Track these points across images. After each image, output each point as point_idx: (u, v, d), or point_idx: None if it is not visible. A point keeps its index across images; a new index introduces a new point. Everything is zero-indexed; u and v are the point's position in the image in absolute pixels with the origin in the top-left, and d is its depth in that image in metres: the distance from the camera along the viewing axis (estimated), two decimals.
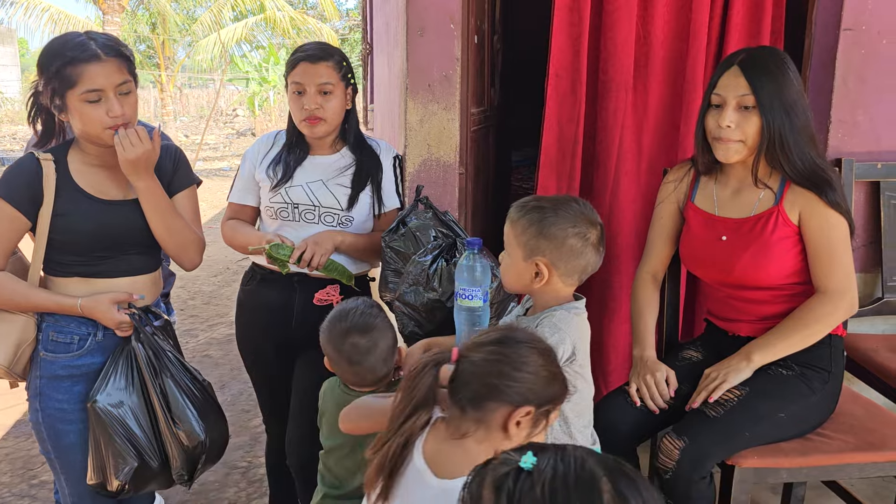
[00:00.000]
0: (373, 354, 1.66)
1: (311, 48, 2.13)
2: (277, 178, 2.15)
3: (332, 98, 2.09)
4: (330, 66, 2.08)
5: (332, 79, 2.08)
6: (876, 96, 2.46)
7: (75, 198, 1.82)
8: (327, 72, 2.07)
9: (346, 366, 1.68)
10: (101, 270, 1.86)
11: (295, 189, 2.14)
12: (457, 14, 2.23)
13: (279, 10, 16.88)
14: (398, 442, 1.26)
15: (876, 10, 2.40)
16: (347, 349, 1.66)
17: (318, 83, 2.07)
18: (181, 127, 21.27)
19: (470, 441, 1.24)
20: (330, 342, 1.70)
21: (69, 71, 1.73)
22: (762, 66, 1.85)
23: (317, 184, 2.14)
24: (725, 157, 1.92)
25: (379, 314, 1.73)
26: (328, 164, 2.17)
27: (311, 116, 2.09)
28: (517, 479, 0.77)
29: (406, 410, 1.26)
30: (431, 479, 1.23)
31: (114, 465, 1.82)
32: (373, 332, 1.68)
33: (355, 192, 2.13)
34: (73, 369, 1.86)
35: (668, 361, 2.10)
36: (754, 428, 1.83)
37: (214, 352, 4.51)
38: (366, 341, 1.66)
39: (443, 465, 1.24)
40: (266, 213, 2.20)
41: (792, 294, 1.94)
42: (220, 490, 2.88)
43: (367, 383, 1.70)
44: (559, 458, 0.79)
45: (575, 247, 1.58)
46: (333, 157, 2.19)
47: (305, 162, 2.18)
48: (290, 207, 2.13)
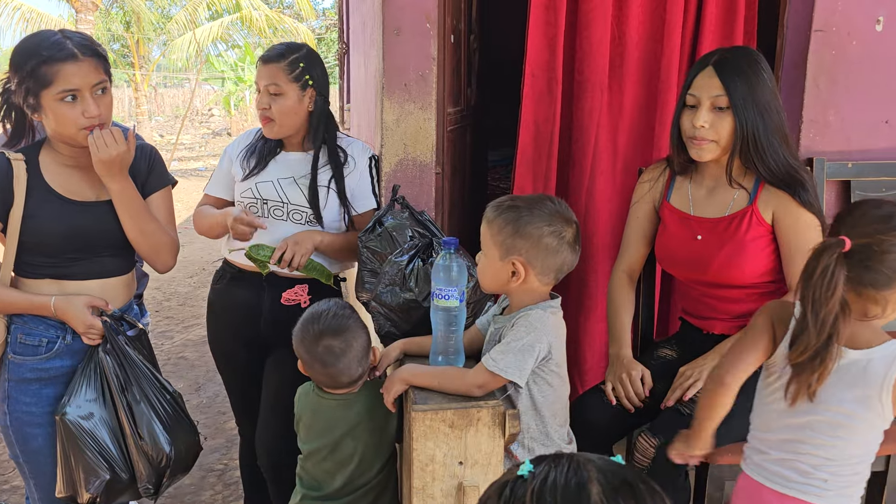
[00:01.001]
0: (347, 356, 1.66)
1: (272, 48, 2.17)
2: (250, 167, 2.17)
3: (280, 100, 2.10)
4: (280, 67, 2.10)
5: (280, 80, 2.09)
6: (846, 96, 2.50)
7: (46, 199, 1.79)
8: (275, 73, 2.10)
9: (320, 368, 1.67)
10: (73, 272, 1.84)
11: (265, 185, 2.14)
12: (433, 13, 2.22)
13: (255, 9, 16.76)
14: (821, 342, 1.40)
15: (846, 11, 2.44)
16: (321, 352, 1.66)
17: (265, 84, 2.12)
18: (156, 126, 21.04)
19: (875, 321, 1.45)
20: (303, 345, 1.69)
21: (45, 70, 1.70)
22: (736, 66, 1.86)
23: (287, 181, 2.15)
24: (699, 157, 1.94)
25: (352, 315, 1.72)
26: (298, 161, 2.18)
27: (263, 116, 2.13)
28: (514, 486, 0.80)
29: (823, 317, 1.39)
30: (851, 353, 1.43)
31: (84, 478, 1.80)
32: (346, 334, 1.67)
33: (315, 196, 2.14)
34: (42, 372, 1.83)
35: (644, 359, 2.11)
36: (728, 425, 1.84)
37: (190, 353, 4.47)
38: (339, 343, 1.65)
39: (855, 340, 1.44)
40: (237, 206, 2.20)
41: (766, 292, 1.96)
42: (196, 493, 2.86)
43: (342, 385, 1.70)
44: (554, 465, 0.80)
45: (551, 245, 1.58)
46: (302, 155, 2.19)
47: (279, 157, 2.19)
48: (259, 203, 2.13)
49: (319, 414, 1.73)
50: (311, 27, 19.71)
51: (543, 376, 1.61)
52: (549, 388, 1.62)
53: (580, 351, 2.68)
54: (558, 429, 1.66)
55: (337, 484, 1.72)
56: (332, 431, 1.71)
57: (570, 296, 2.60)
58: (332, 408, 1.72)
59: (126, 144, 1.78)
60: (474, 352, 1.76)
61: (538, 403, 1.62)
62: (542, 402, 1.62)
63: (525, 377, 1.55)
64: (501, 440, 1.53)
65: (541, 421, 1.63)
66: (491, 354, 1.56)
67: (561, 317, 1.65)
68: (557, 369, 1.62)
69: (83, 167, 1.84)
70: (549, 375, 1.61)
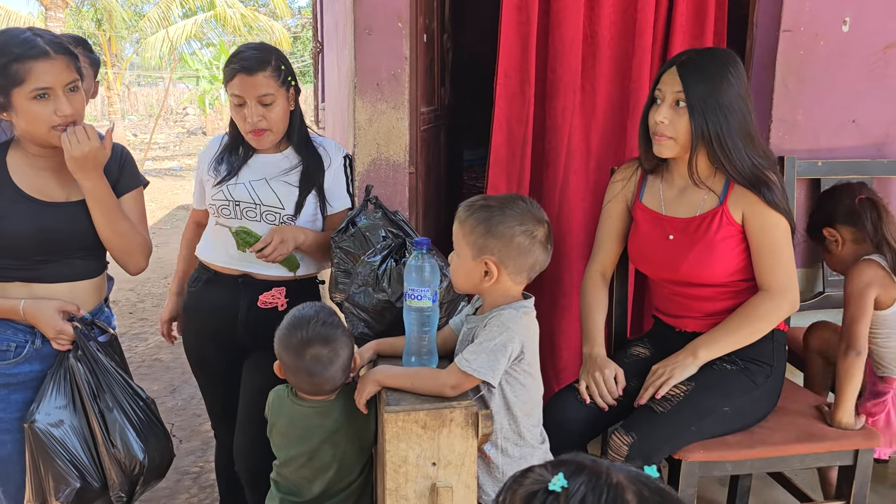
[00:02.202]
0: (334, 365, 1.63)
1: (246, 57, 2.04)
2: (221, 175, 2.13)
3: (273, 107, 2.05)
4: (267, 75, 2.02)
5: (272, 88, 2.03)
6: (814, 96, 2.53)
7: (15, 199, 1.76)
8: (266, 82, 2.02)
9: (306, 376, 1.63)
10: (42, 275, 1.81)
11: (237, 187, 2.11)
12: (405, 13, 2.22)
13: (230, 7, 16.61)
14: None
15: (813, 11, 2.47)
16: (308, 360, 1.61)
17: (257, 95, 2.02)
18: (130, 126, 20.80)
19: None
20: (287, 351, 1.64)
21: (16, 68, 1.67)
22: (699, 67, 1.89)
23: (259, 182, 2.11)
24: (658, 152, 1.97)
25: (340, 324, 1.69)
26: (272, 162, 2.15)
27: (256, 129, 2.05)
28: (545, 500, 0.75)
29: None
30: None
31: (54, 486, 1.78)
32: (334, 344, 1.63)
33: (302, 196, 2.11)
34: (10, 377, 1.80)
35: (617, 358, 2.13)
36: (700, 422, 1.87)
37: (165, 355, 4.42)
38: (328, 352, 1.62)
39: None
40: (209, 209, 2.17)
41: (737, 291, 1.98)
42: (171, 497, 2.83)
43: (324, 392, 1.67)
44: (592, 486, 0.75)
45: (523, 245, 1.59)
46: (277, 156, 2.16)
47: (251, 160, 2.15)
48: (231, 205, 2.10)
49: (296, 421, 1.70)
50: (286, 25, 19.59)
51: (516, 376, 1.61)
52: (521, 387, 1.62)
53: (555, 350, 2.69)
54: (531, 428, 1.67)
55: (316, 490, 1.70)
56: (310, 439, 1.68)
57: (544, 295, 2.61)
58: (309, 415, 1.69)
59: (100, 142, 1.75)
60: (448, 352, 1.76)
61: (511, 403, 1.62)
62: (515, 401, 1.62)
63: (498, 377, 1.56)
64: (474, 440, 1.53)
65: (514, 421, 1.63)
66: (464, 355, 1.56)
67: (534, 316, 1.65)
68: (530, 369, 1.63)
69: (53, 167, 1.81)
70: (522, 375, 1.62)
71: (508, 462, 1.64)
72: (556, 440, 1.77)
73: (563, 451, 1.77)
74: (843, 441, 1.94)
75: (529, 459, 1.65)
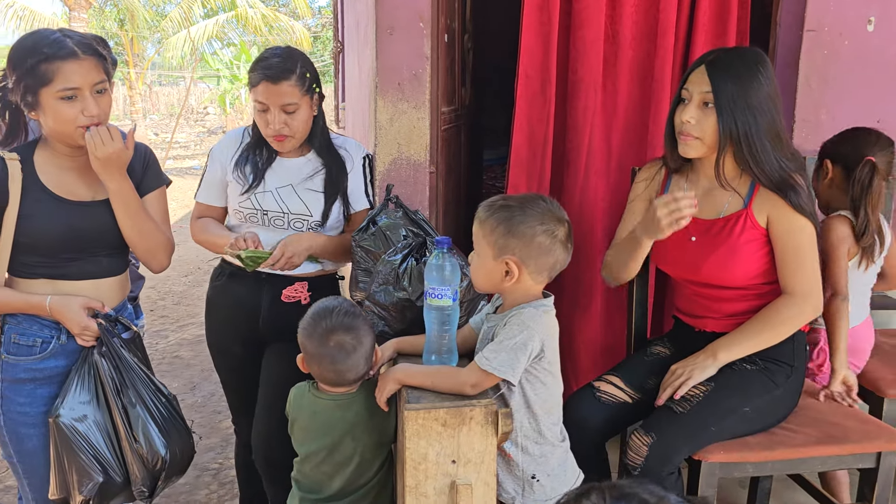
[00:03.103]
0: (357, 353, 1.65)
1: (271, 65, 2.03)
2: (248, 181, 2.13)
3: (297, 115, 2.06)
4: (292, 84, 2.02)
5: (295, 97, 2.03)
6: (837, 96, 2.51)
7: (42, 198, 1.79)
8: (290, 90, 2.02)
9: (329, 364, 1.65)
10: (68, 272, 1.83)
11: (265, 195, 2.12)
12: (426, 13, 2.22)
13: (251, 8, 16.74)
14: None
15: (838, 11, 2.45)
16: (332, 347, 1.64)
17: (281, 103, 2.02)
18: (151, 125, 20.98)
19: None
20: (312, 340, 1.67)
21: (45, 68, 1.70)
22: (728, 66, 1.87)
23: (286, 189, 2.12)
24: (684, 152, 1.96)
25: (361, 314, 1.72)
26: (296, 167, 2.16)
27: (278, 135, 2.06)
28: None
29: None
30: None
31: (77, 480, 1.80)
32: (357, 332, 1.66)
33: (329, 204, 2.12)
34: (36, 372, 1.83)
35: (638, 356, 2.13)
36: (720, 423, 1.86)
37: (185, 352, 4.46)
38: (351, 340, 1.64)
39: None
40: (235, 215, 2.19)
41: (759, 293, 1.97)
42: (191, 493, 2.86)
43: (346, 382, 1.69)
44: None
45: (544, 244, 1.59)
46: (300, 160, 2.17)
47: (275, 164, 2.16)
48: (260, 214, 2.12)
49: (318, 415, 1.71)
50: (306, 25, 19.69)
51: (536, 374, 1.61)
52: (542, 386, 1.63)
53: (574, 349, 2.69)
54: (552, 426, 1.67)
55: (336, 486, 1.72)
56: (331, 433, 1.70)
57: (564, 294, 2.60)
58: (330, 408, 1.71)
59: (123, 143, 1.77)
60: (468, 350, 1.77)
61: (531, 401, 1.62)
62: (536, 399, 1.63)
63: (518, 375, 1.56)
64: (494, 439, 1.54)
65: (534, 419, 1.64)
66: (484, 353, 1.56)
67: (554, 315, 1.66)
68: (550, 367, 1.63)
69: (79, 167, 1.83)
70: (542, 374, 1.62)
71: (528, 460, 1.64)
72: (575, 439, 1.77)
73: (582, 449, 1.78)
74: (865, 443, 1.92)
75: (550, 458, 1.65)
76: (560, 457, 1.68)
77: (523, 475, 1.64)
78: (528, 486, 1.64)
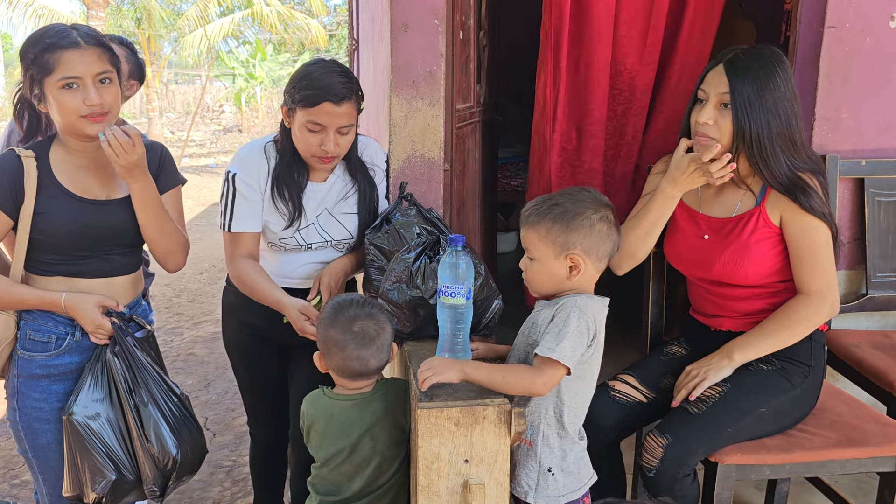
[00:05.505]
0: (380, 339, 1.65)
1: (335, 83, 1.89)
2: (290, 215, 2.04)
3: (349, 135, 1.98)
4: (352, 104, 1.93)
5: (353, 118, 1.95)
6: (859, 94, 2.47)
7: (57, 196, 1.79)
8: (350, 112, 1.93)
9: (353, 350, 1.63)
10: (83, 270, 1.84)
11: (309, 230, 2.08)
12: (441, 10, 2.21)
13: (266, 6, 16.76)
14: None
15: (859, 8, 2.41)
16: (357, 332, 1.64)
17: (340, 125, 1.92)
18: (167, 123, 21.11)
19: None
20: (335, 326, 1.65)
21: (47, 57, 1.70)
22: (745, 66, 1.85)
23: (324, 216, 2.09)
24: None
25: (379, 305, 1.74)
26: (326, 189, 2.10)
27: (326, 157, 1.96)
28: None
29: None
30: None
31: (90, 478, 1.81)
32: (379, 319, 1.67)
33: (364, 226, 2.10)
34: (51, 368, 1.84)
35: (654, 356, 2.11)
36: (736, 424, 1.84)
37: (199, 350, 4.48)
38: (374, 326, 1.65)
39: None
40: (272, 247, 2.12)
41: (774, 291, 1.95)
42: (205, 489, 2.87)
43: (369, 371, 1.66)
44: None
45: (603, 231, 1.62)
46: (329, 181, 2.11)
47: (307, 190, 2.07)
48: (304, 247, 2.11)
49: (335, 417, 1.70)
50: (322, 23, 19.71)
51: (582, 367, 1.60)
52: (578, 379, 1.61)
53: None
54: (574, 421, 1.64)
55: (356, 486, 1.70)
56: (349, 433, 1.68)
57: None
58: (347, 408, 1.69)
59: (143, 147, 1.78)
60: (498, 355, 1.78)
61: (562, 389, 1.60)
62: (567, 390, 1.61)
63: (575, 362, 1.54)
64: (507, 438, 1.52)
65: (559, 407, 1.61)
66: (545, 344, 1.53)
67: (606, 306, 1.64)
68: (592, 360, 1.61)
69: (93, 165, 1.83)
70: (584, 366, 1.60)
71: (547, 451, 1.62)
72: (589, 437, 1.75)
73: (595, 448, 1.77)
74: (885, 446, 1.89)
75: (568, 454, 1.64)
76: (577, 454, 1.67)
77: (540, 467, 1.62)
78: (542, 480, 1.62)
